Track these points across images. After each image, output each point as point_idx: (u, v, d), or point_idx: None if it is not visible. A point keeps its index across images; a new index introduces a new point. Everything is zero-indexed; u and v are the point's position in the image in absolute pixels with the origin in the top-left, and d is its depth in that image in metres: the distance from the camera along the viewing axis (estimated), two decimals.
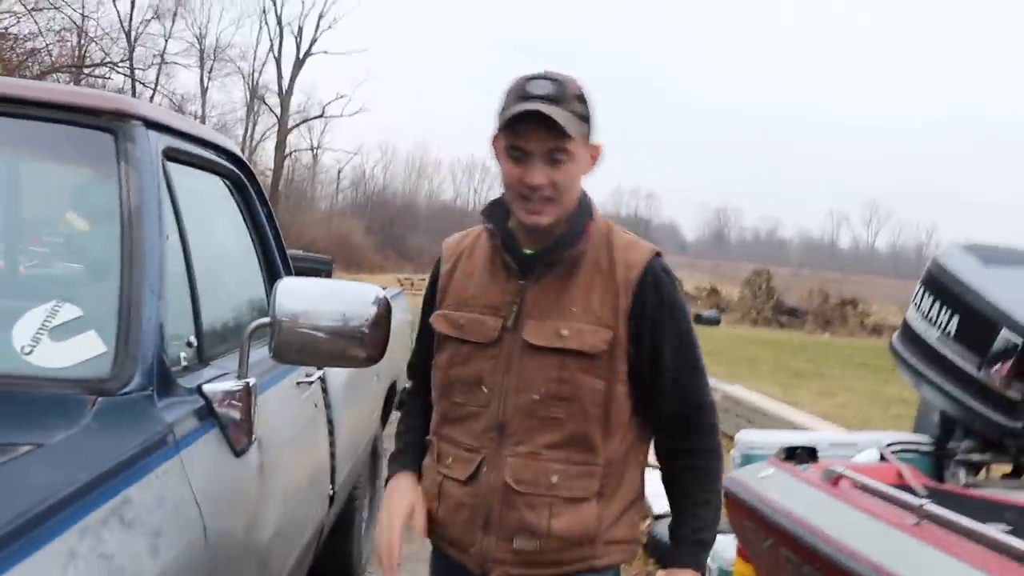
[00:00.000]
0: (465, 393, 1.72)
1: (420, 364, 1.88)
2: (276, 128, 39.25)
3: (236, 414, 1.77)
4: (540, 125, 1.58)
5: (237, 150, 2.52)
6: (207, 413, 1.72)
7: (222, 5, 39.84)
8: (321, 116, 39.43)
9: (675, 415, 1.74)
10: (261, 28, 35.50)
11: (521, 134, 1.61)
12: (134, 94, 24.77)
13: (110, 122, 1.80)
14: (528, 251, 1.71)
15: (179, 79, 28.46)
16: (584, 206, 1.72)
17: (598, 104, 1.68)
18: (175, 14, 28.84)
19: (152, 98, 26.74)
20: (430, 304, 1.83)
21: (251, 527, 1.85)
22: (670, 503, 1.79)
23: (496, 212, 1.75)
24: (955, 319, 3.39)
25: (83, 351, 1.53)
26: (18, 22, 12.96)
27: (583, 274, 1.70)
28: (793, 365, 15.55)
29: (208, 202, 2.34)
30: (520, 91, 1.61)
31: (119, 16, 24.28)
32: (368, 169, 48.73)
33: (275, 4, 36.03)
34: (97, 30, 19.26)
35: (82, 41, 17.68)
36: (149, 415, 1.52)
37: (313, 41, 37.23)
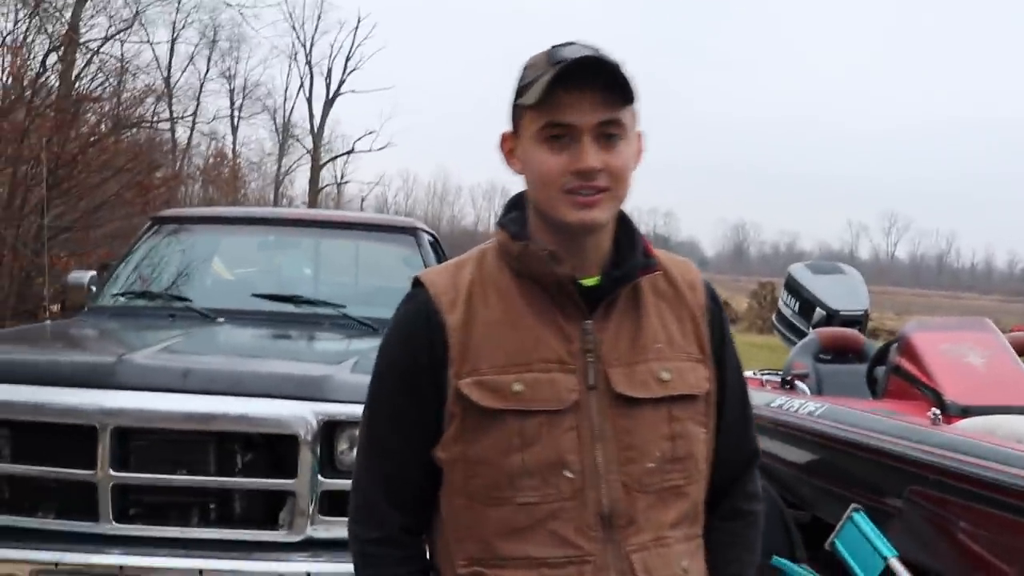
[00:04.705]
0: (539, 487, 1.24)
1: (402, 482, 1.32)
2: (303, 163, 41.70)
3: None
4: (591, 89, 1.21)
5: (430, 231, 5.44)
6: None
7: (250, 47, 42.84)
8: (351, 152, 42.21)
9: (728, 464, 1.39)
10: (291, 70, 38.35)
11: (564, 104, 1.21)
12: (174, 140, 27.08)
13: (411, 233, 4.74)
14: (586, 281, 1.28)
15: (208, 115, 31.64)
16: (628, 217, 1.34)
17: None
18: (209, 59, 31.96)
19: (191, 137, 29.54)
20: (424, 375, 1.28)
21: None
22: None
23: (522, 231, 1.31)
24: (797, 303, 6.29)
25: None
26: (102, 84, 15.14)
27: (647, 302, 1.32)
28: (782, 361, 18.31)
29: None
30: (551, 58, 1.23)
31: (158, 63, 26.71)
32: (390, 197, 51.53)
33: (304, 47, 38.75)
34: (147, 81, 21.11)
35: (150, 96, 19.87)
36: None
37: (341, 82, 39.84)
